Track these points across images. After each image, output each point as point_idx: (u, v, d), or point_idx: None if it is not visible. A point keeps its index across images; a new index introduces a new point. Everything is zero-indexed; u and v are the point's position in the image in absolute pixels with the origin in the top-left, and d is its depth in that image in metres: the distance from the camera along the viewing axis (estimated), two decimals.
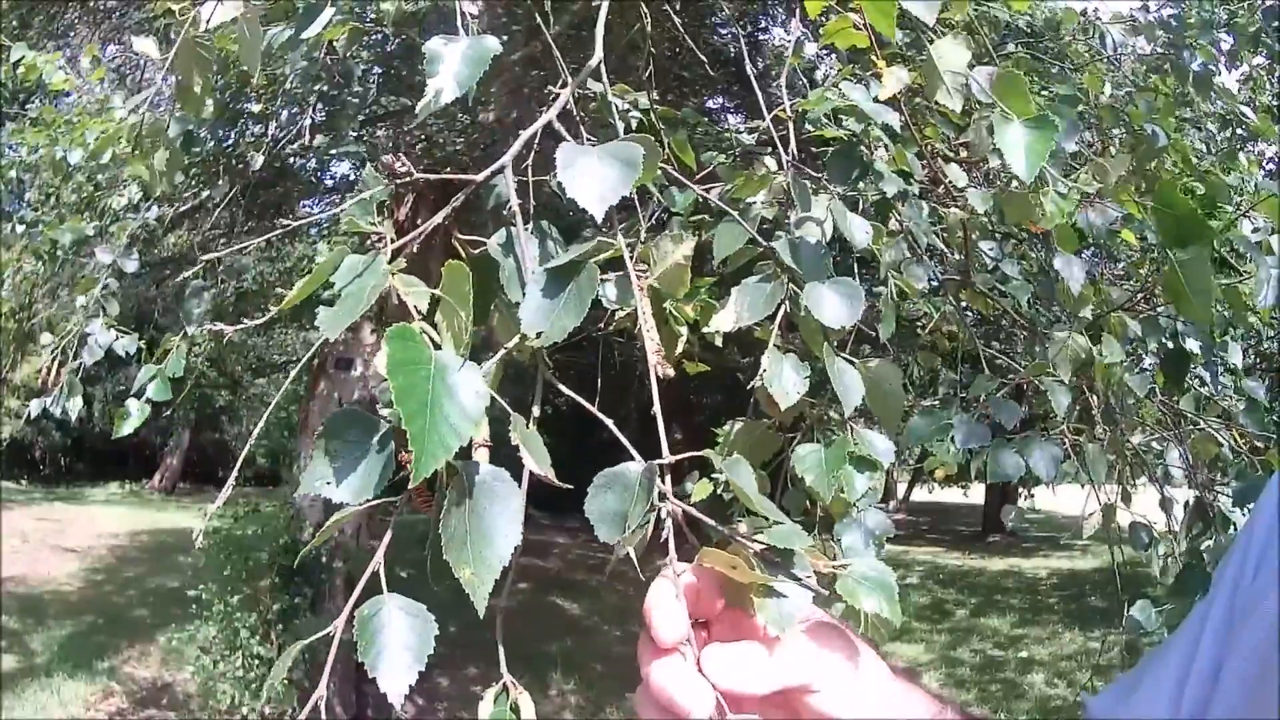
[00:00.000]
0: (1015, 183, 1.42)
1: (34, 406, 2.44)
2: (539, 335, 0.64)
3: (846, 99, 1.32)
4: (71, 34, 6.96)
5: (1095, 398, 1.64)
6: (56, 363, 2.49)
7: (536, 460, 0.61)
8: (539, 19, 1.45)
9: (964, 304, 1.87)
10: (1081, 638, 8.75)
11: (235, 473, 1.03)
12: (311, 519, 5.92)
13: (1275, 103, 2.83)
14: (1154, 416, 1.90)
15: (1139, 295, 1.69)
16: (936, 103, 1.00)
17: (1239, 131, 2.22)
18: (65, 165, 3.10)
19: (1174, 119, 2.13)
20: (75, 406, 2.40)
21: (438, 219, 0.76)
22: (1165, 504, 1.79)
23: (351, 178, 6.19)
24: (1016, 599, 10.94)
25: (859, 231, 1.17)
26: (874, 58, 1.20)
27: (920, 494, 23.28)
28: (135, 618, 7.96)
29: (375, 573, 0.58)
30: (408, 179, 0.78)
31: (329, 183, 6.40)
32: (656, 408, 0.65)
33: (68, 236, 2.98)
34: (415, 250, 0.71)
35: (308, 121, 3.10)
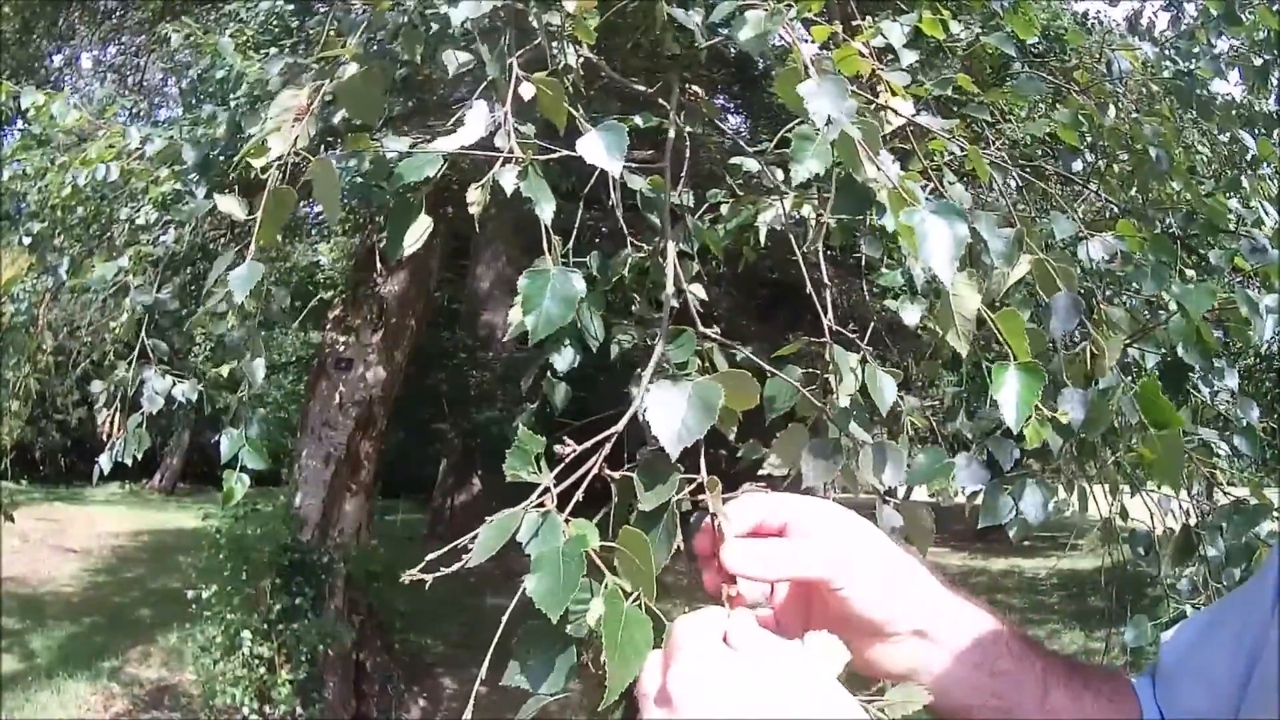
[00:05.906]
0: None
1: (103, 461, 2.45)
2: None
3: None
4: (73, 35, 6.95)
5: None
6: (115, 411, 2.51)
7: None
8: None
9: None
10: (1082, 637, 8.74)
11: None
12: (311, 519, 5.92)
13: (1276, 106, 2.83)
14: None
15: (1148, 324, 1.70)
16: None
17: (1245, 151, 2.23)
18: (72, 184, 3.11)
19: (1178, 145, 2.16)
20: (141, 449, 2.41)
21: None
22: (1162, 505, 1.82)
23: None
24: (1017, 599, 10.93)
25: (888, 391, 1.27)
26: (881, 87, 1.25)
27: (920, 493, 23.23)
28: (136, 618, 7.96)
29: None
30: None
31: None
32: None
33: (97, 276, 2.96)
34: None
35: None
